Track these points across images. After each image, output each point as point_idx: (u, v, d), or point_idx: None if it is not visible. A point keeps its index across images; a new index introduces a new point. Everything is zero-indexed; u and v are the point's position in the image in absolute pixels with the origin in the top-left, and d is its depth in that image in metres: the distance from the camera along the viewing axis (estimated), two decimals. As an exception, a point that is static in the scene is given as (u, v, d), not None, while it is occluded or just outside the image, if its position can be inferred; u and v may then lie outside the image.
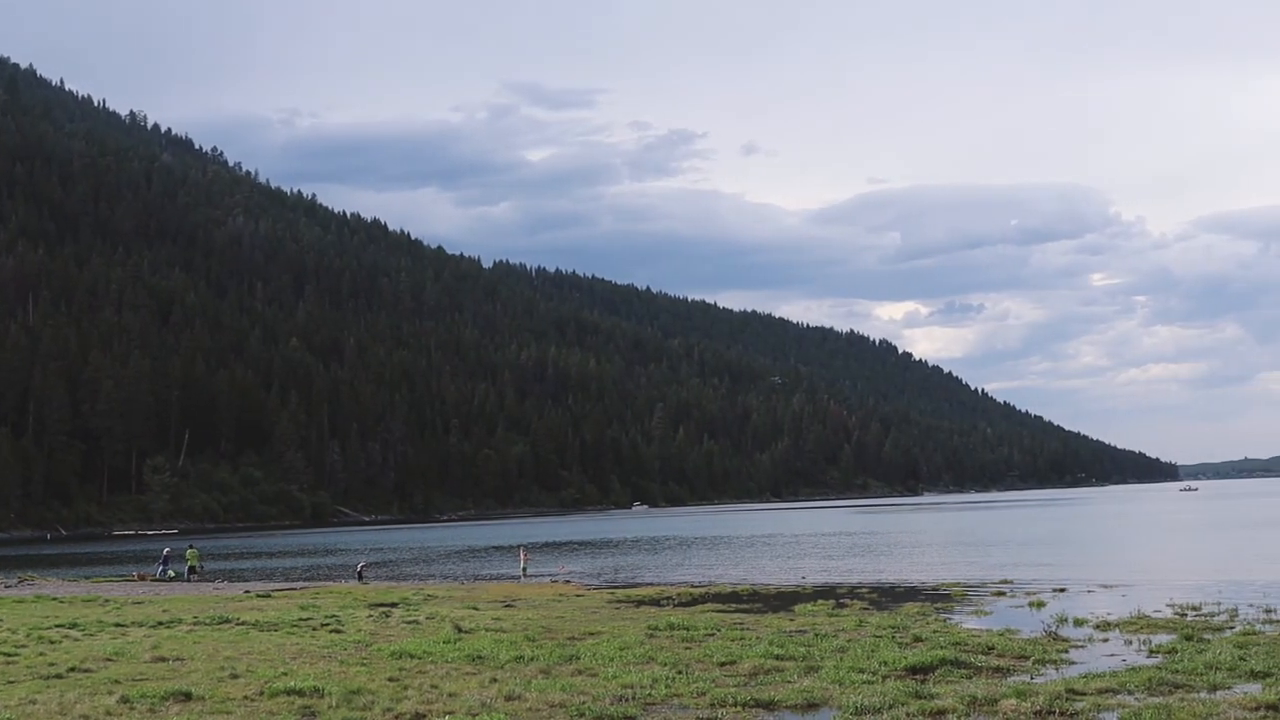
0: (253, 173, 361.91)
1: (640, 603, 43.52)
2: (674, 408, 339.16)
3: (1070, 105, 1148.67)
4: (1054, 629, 30.94)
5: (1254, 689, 20.52)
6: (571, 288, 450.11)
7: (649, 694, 21.37)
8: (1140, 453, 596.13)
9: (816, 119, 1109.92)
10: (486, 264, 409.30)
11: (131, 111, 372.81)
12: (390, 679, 23.67)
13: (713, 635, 30.65)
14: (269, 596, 48.91)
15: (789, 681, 22.65)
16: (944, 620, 34.74)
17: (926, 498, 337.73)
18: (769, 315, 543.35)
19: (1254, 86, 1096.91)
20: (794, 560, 71.65)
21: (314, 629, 34.16)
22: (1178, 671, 22.61)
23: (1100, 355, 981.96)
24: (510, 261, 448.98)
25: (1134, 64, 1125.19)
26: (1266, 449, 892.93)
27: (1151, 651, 26.60)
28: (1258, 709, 18.54)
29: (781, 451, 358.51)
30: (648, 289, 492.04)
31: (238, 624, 35.38)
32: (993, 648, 27.07)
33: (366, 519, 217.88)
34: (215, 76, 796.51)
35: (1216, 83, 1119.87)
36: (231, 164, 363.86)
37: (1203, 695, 20.22)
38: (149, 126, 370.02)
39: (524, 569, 65.77)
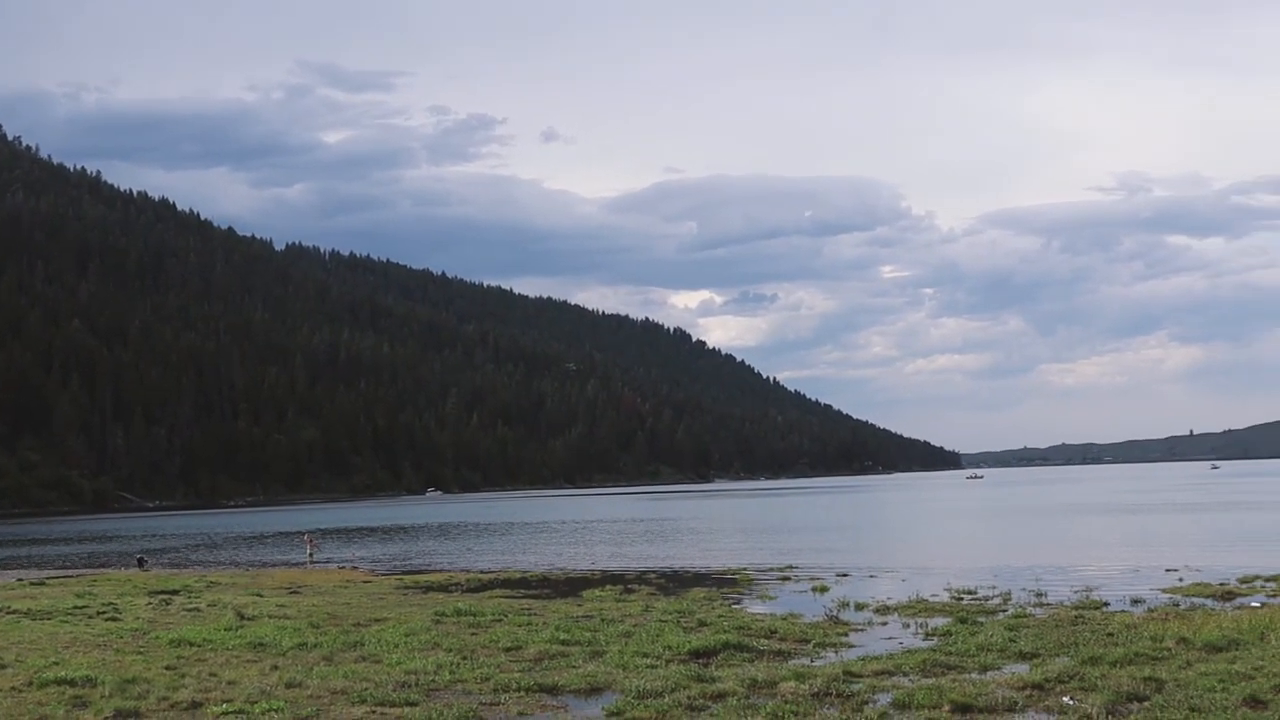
0: (33, 148, 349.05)
1: (428, 589, 43.25)
2: (468, 394, 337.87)
3: (865, 100, 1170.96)
4: (835, 613, 31.59)
5: (1022, 669, 21.19)
6: (366, 271, 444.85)
7: (433, 680, 21.25)
8: (926, 441, 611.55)
9: (617, 107, 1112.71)
10: (279, 246, 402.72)
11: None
12: (168, 667, 23.14)
13: (500, 621, 30.59)
14: (43, 584, 47.44)
15: (574, 666, 22.71)
16: (729, 605, 35.17)
17: (717, 484, 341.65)
18: (565, 302, 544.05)
19: (1039, 86, 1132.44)
20: (585, 546, 71.87)
21: (90, 617, 33.23)
22: (951, 653, 23.24)
23: (889, 346, 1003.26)
24: (303, 244, 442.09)
25: (926, 61, 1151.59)
26: (1045, 438, 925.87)
27: (928, 634, 27.27)
28: (1024, 688, 19.14)
29: (575, 438, 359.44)
30: (443, 274, 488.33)
31: (8, 613, 34.19)
32: (775, 631, 27.51)
33: (150, 505, 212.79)
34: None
35: (1004, 82, 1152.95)
36: (10, 138, 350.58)
37: (974, 676, 20.80)
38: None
39: (310, 555, 64.94)
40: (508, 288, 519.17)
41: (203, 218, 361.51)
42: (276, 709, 18.68)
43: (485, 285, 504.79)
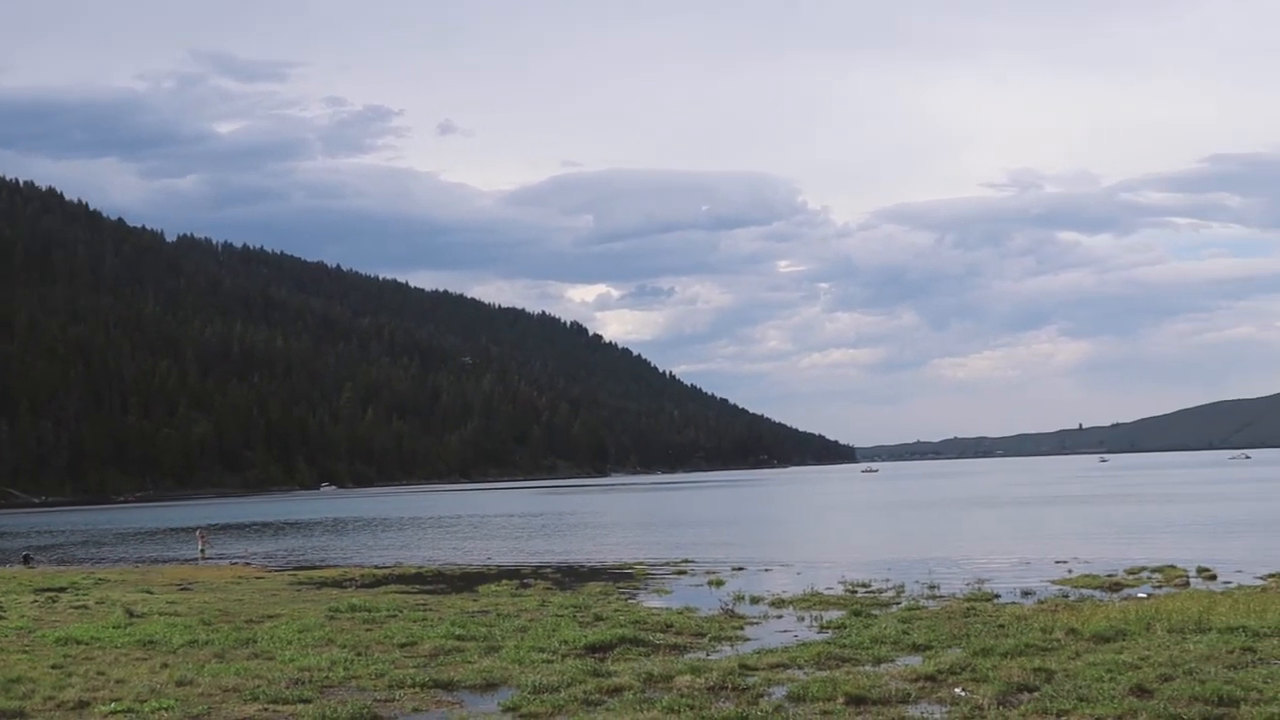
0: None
1: (322, 584, 42.92)
2: (363, 387, 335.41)
3: (762, 95, 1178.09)
4: (731, 606, 31.70)
5: (915, 661, 21.40)
6: (259, 264, 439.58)
7: (326, 677, 21.05)
8: (821, 435, 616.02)
9: (514, 100, 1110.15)
10: (170, 238, 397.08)
11: None
12: (54, 666, 22.72)
13: (395, 617, 30.38)
14: (-75, 582, 46.43)
15: (469, 662, 22.60)
16: (625, 599, 35.22)
17: (614, 478, 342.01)
18: (461, 296, 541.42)
19: (933, 83, 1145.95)
20: (481, 541, 71.65)
21: (-27, 616, 32.57)
22: (845, 646, 23.40)
23: (785, 340, 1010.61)
24: (195, 236, 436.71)
25: (822, 57, 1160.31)
26: (938, 432, 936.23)
27: (822, 627, 27.45)
28: (917, 680, 19.31)
29: (471, 432, 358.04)
30: (338, 267, 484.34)
31: (-112, 611, 33.44)
32: (671, 625, 27.58)
33: (37, 500, 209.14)
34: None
35: (899, 78, 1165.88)
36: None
37: (868, 668, 20.95)
38: None
39: (202, 551, 64.13)
40: (404, 281, 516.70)
41: (92, 208, 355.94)
42: (166, 707, 18.40)
43: (381, 278, 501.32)
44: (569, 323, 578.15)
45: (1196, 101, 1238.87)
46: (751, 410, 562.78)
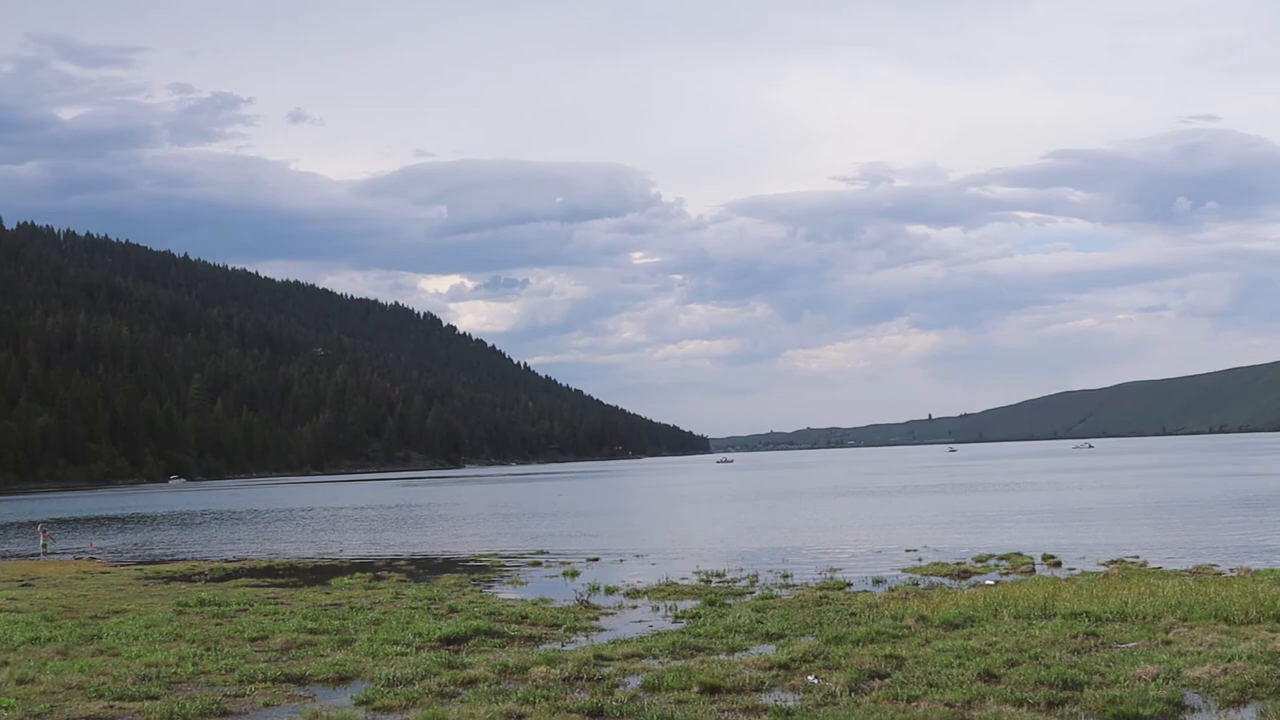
0: None
1: (170, 579, 42.18)
2: (212, 379, 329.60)
3: (617, 87, 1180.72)
4: (586, 597, 31.72)
5: (768, 649, 21.57)
6: (104, 253, 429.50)
7: (174, 672, 20.68)
8: (675, 426, 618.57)
9: (367, 89, 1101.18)
10: (10, 225, 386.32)
11: None
12: (-113, 666, 22.02)
13: (245, 611, 29.95)
14: None
15: (322, 655, 22.35)
16: (480, 591, 35.09)
17: (468, 470, 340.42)
18: (313, 286, 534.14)
19: (786, 77, 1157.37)
20: (334, 534, 70.88)
21: None
22: (700, 635, 23.55)
23: (639, 331, 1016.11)
24: (36, 223, 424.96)
25: (678, 50, 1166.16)
26: (791, 423, 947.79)
27: (677, 617, 27.57)
28: (771, 668, 19.47)
29: (323, 424, 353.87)
30: (186, 256, 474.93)
31: None
32: (526, 617, 27.53)
33: None
34: None
35: (753, 72, 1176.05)
36: None
37: (722, 657, 21.10)
38: None
39: (44, 546, 62.53)
40: (253, 271, 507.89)
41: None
42: (6, 706, 17.92)
43: (230, 268, 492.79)
44: (423, 314, 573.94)
45: (1042, 99, 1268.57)
46: (606, 402, 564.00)
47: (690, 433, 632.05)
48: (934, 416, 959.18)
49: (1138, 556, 39.37)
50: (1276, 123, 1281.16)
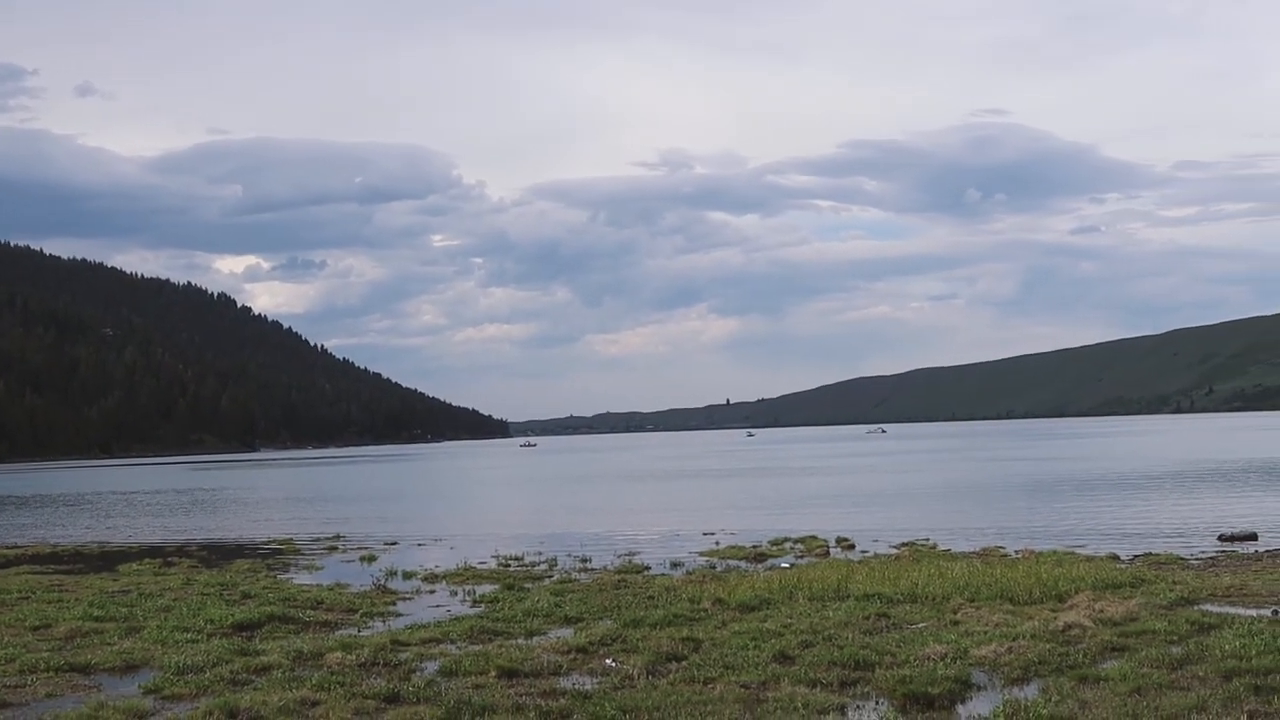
0: None
1: (-52, 567, 40.62)
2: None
3: (418, 68, 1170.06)
4: (383, 582, 31.39)
5: (567, 633, 21.57)
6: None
7: (-51, 664, 19.89)
8: (474, 410, 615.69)
9: (159, 63, 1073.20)
10: None
11: None
12: None
13: (27, 599, 28.99)
14: None
15: (108, 644, 21.71)
16: (275, 577, 34.54)
17: (264, 454, 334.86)
18: (102, 265, 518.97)
19: (590, 63, 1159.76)
20: (123, 519, 69.11)
21: None
22: (498, 619, 23.46)
23: (439, 314, 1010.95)
24: None
25: (480, 32, 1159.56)
26: (590, 407, 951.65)
27: (475, 601, 27.43)
28: (569, 651, 19.47)
29: (113, 406, 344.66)
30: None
31: None
32: (322, 602, 27.15)
33: None
34: None
35: (557, 57, 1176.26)
36: None
37: (520, 641, 21.04)
38: None
39: None
40: (38, 248, 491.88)
41: None
42: None
43: (13, 245, 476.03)
44: (216, 294, 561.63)
45: (840, 89, 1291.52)
46: (405, 385, 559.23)
47: (490, 416, 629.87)
48: (732, 401, 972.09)
49: (928, 539, 40.30)
50: (1062, 117, 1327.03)
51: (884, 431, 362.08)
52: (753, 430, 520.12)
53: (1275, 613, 21.31)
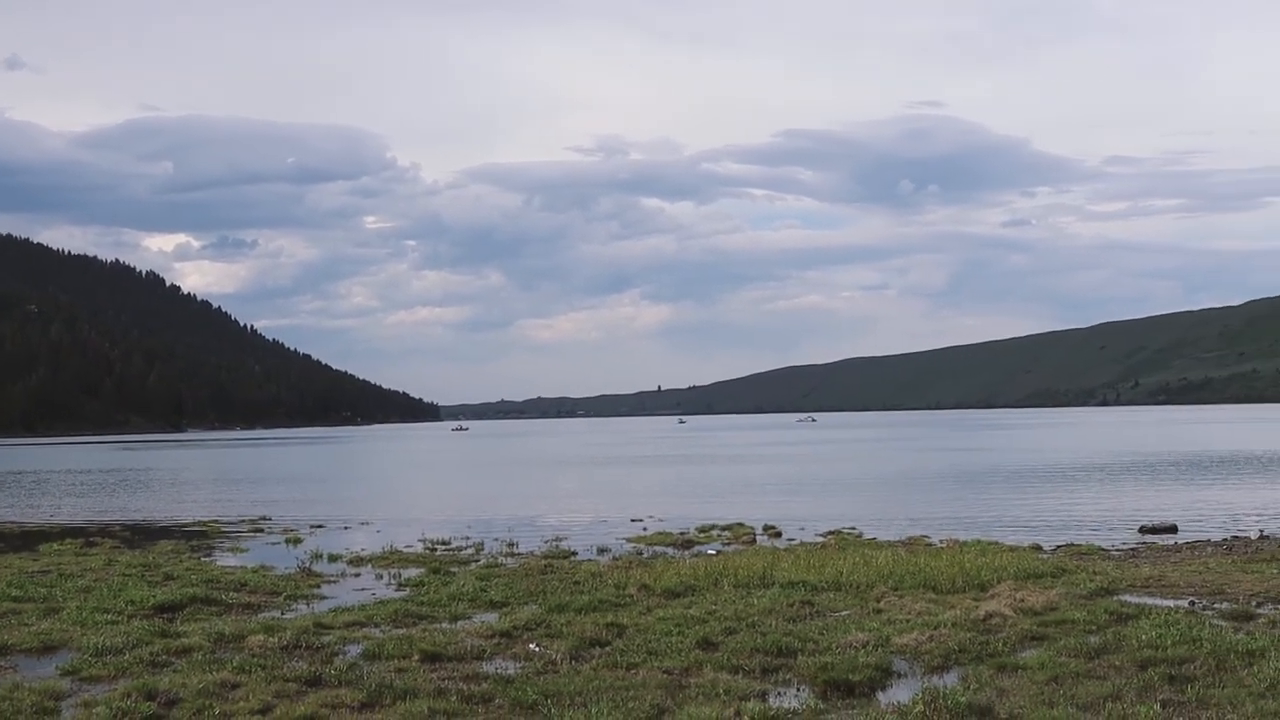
0: None
1: None
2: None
3: (354, 48, 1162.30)
4: (308, 565, 31.28)
5: (491, 618, 21.55)
6: None
7: None
8: (405, 393, 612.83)
9: (89, 38, 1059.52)
10: None
11: None
12: None
13: (-56, 578, 28.60)
14: None
15: (26, 624, 21.44)
16: (198, 558, 34.29)
17: (191, 434, 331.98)
18: (27, 240, 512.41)
19: (528, 48, 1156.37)
20: (44, 498, 68.41)
21: None
22: (423, 603, 23.41)
23: (371, 296, 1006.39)
24: None
25: (417, 14, 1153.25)
26: (522, 392, 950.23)
27: (401, 585, 27.36)
28: (493, 636, 19.46)
29: (36, 383, 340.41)
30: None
31: None
32: (245, 584, 26.97)
33: None
34: None
35: (494, 41, 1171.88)
36: None
37: (445, 625, 21.01)
38: None
39: None
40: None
41: None
42: None
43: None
44: (145, 272, 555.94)
45: (777, 79, 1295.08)
46: (335, 367, 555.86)
47: (421, 400, 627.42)
48: (663, 388, 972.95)
49: (854, 527, 40.56)
50: (996, 111, 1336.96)
51: (814, 420, 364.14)
52: (684, 417, 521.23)
53: (1192, 604, 21.63)
